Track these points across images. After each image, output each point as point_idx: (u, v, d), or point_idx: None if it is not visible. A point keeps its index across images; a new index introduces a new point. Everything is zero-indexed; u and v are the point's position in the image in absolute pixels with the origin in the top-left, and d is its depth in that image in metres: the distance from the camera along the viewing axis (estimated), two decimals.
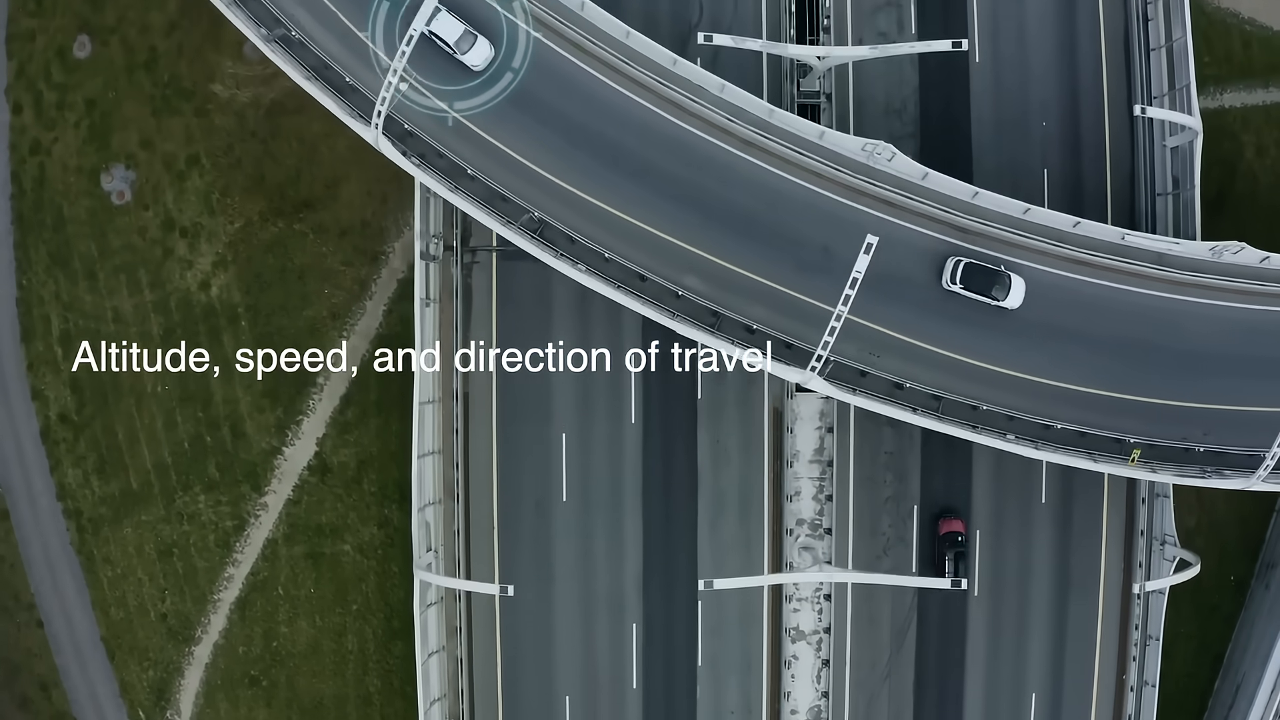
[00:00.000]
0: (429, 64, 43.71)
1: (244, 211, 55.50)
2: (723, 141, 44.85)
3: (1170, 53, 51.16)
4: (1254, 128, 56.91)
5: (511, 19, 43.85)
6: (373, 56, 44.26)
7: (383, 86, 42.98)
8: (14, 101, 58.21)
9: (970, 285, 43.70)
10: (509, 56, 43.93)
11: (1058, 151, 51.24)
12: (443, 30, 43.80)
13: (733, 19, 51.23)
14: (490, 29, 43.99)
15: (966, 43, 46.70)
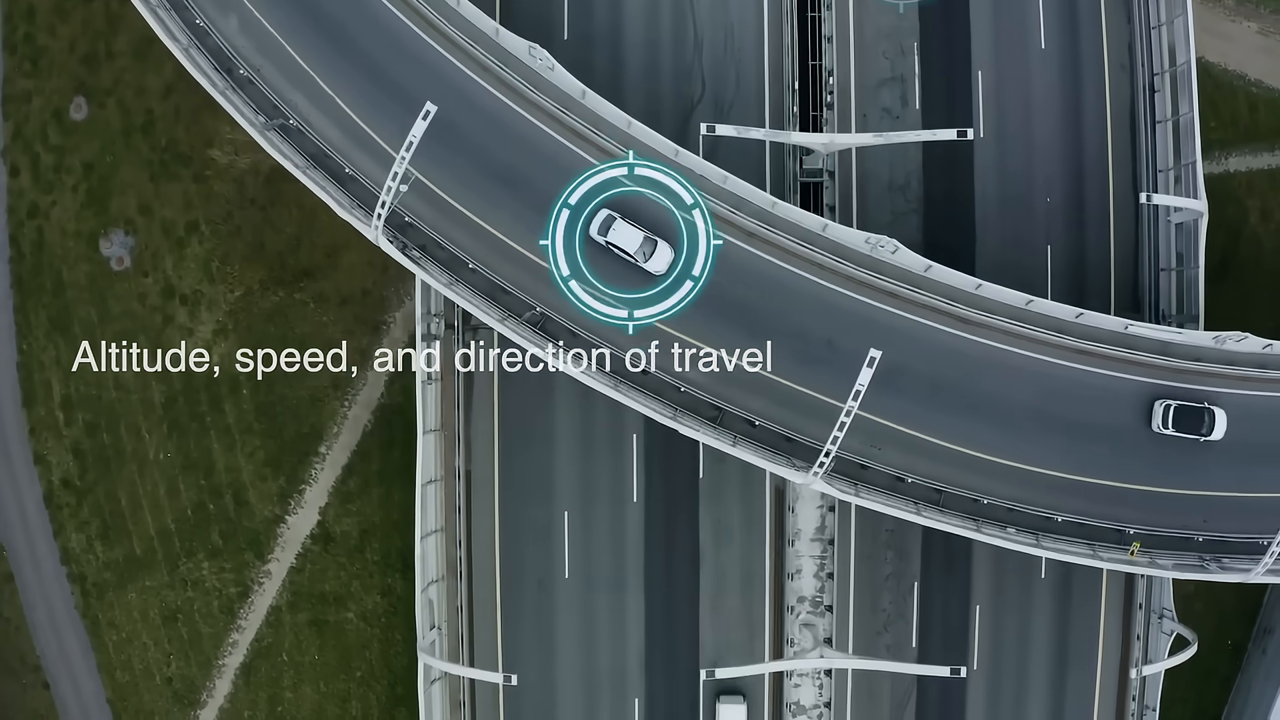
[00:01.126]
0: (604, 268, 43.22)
1: (244, 280, 55.48)
2: (725, 233, 45.10)
3: (1176, 126, 50.92)
4: (1259, 192, 56.71)
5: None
6: None
7: (383, 190, 42.20)
8: (11, 163, 57.98)
9: None
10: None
11: (1061, 227, 50.83)
12: (621, 240, 43.04)
13: (735, 95, 50.86)
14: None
15: (972, 131, 46.44)
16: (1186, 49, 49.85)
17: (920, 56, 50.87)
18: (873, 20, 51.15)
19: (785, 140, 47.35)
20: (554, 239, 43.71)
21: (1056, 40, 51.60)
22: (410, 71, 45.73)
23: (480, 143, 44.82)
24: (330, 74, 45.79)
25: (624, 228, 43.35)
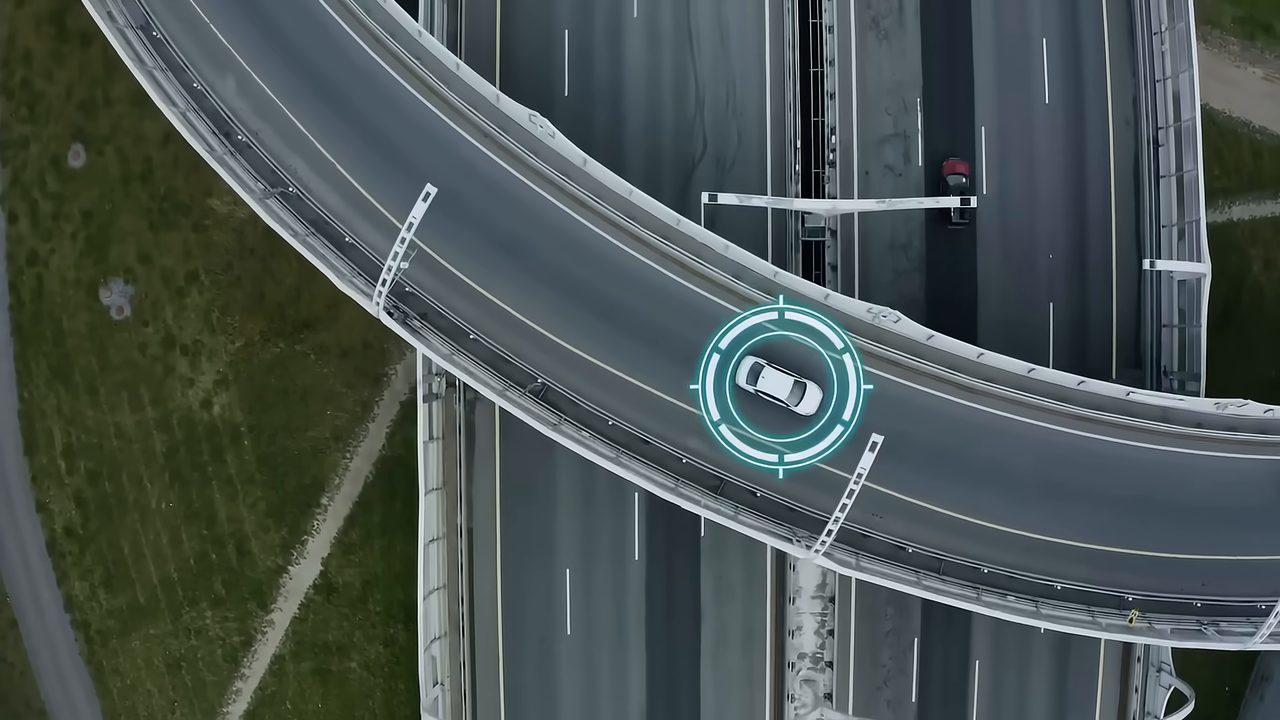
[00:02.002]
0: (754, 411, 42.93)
1: (244, 331, 55.29)
2: (725, 300, 44.77)
3: (1180, 182, 50.67)
4: (1262, 240, 56.42)
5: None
6: None
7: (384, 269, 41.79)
8: (9, 210, 57.67)
9: None
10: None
11: (1063, 283, 50.89)
12: (772, 388, 42.58)
13: (737, 152, 50.65)
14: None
15: (975, 199, 46.17)
16: (1192, 105, 49.57)
17: (923, 112, 50.81)
18: (875, 75, 51.05)
19: (787, 207, 47.20)
20: (704, 384, 43.35)
21: (1060, 95, 51.51)
22: (410, 137, 45.41)
23: (483, 211, 44.60)
24: (329, 138, 45.52)
25: (774, 375, 42.85)
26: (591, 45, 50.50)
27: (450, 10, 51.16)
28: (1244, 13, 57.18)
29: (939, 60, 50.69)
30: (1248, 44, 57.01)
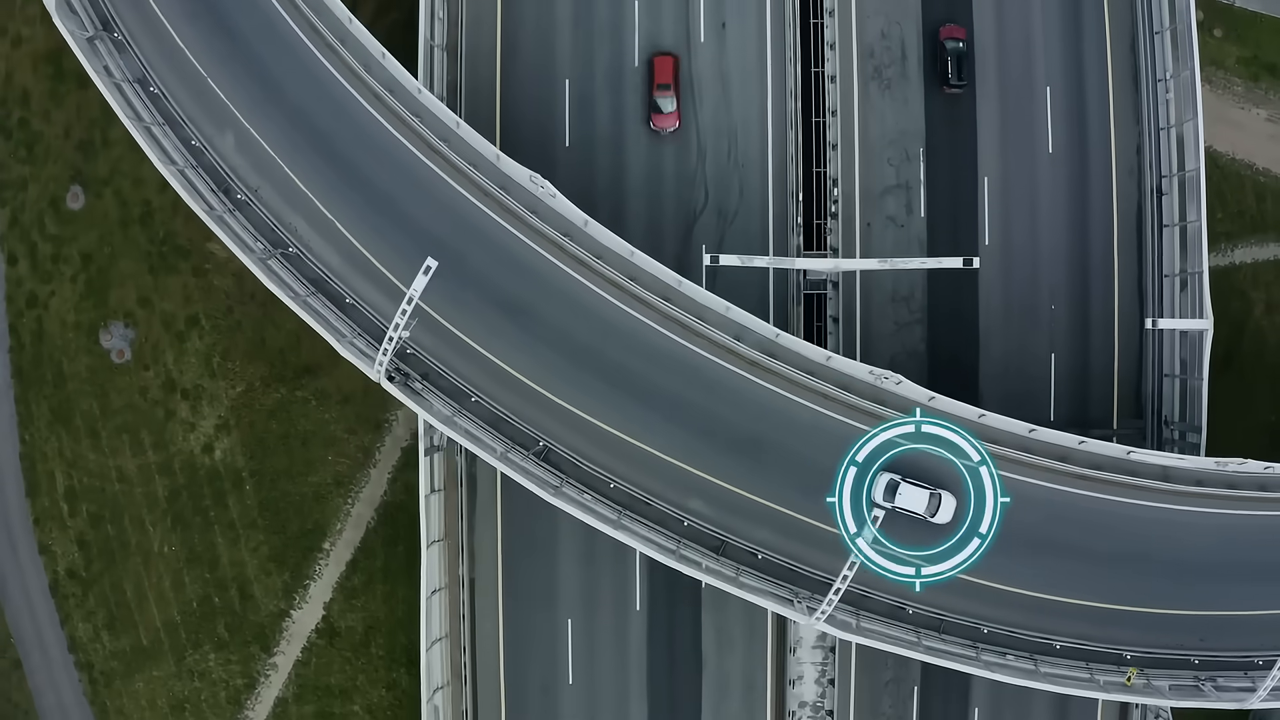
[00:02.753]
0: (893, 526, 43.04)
1: (245, 376, 55.19)
2: (728, 362, 44.66)
3: (1184, 233, 50.55)
4: (1264, 283, 56.17)
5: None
6: None
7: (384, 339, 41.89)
8: (9, 252, 57.42)
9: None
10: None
11: (1065, 334, 50.82)
12: (909, 504, 42.72)
13: (739, 203, 50.42)
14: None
15: (979, 260, 46.06)
16: (1196, 156, 49.30)
17: (926, 163, 50.58)
18: (878, 126, 50.74)
19: (789, 266, 47.10)
20: (841, 497, 43.41)
21: (1064, 144, 51.24)
22: (411, 195, 45.23)
23: (484, 271, 44.37)
24: (329, 196, 45.31)
25: (910, 491, 42.99)
26: (592, 94, 50.27)
27: (450, 60, 50.97)
28: (1249, 54, 56.84)
29: (942, 111, 50.40)
30: (1252, 85, 56.67)
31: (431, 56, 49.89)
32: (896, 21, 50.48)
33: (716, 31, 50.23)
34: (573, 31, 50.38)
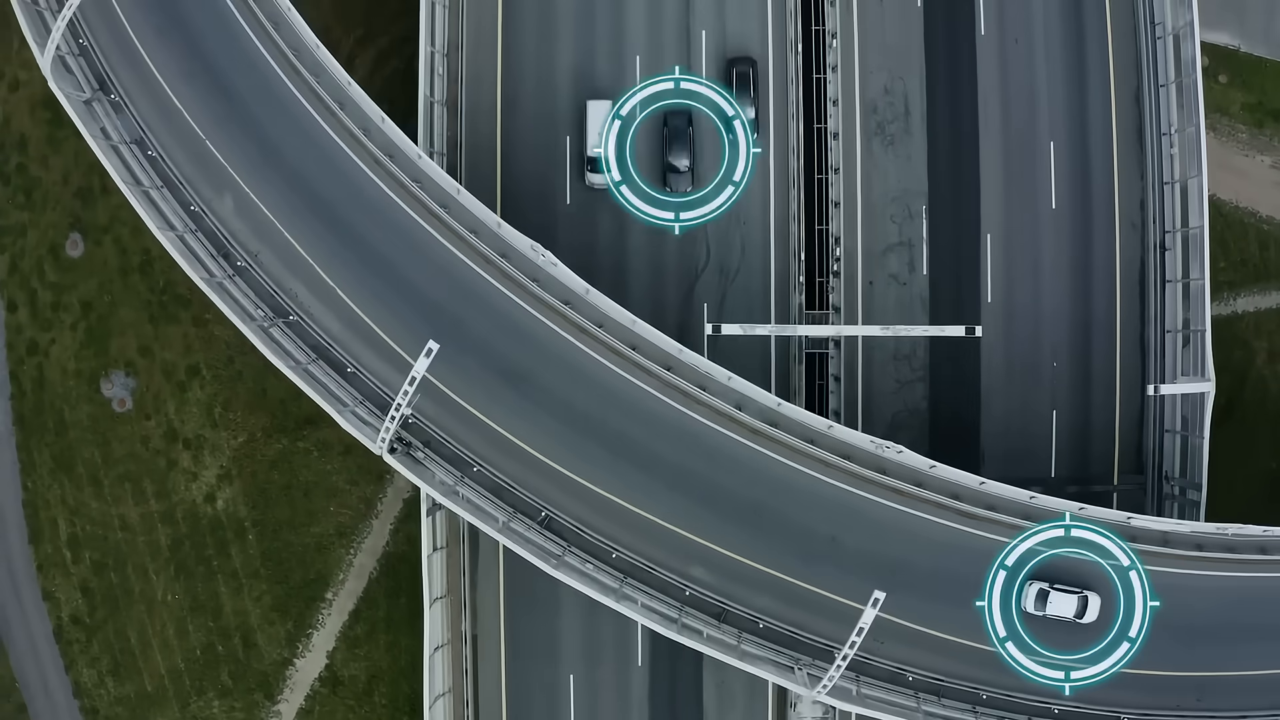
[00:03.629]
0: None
1: (247, 426, 55.26)
2: (730, 430, 44.63)
3: (1187, 290, 50.49)
4: (1266, 332, 56.01)
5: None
6: None
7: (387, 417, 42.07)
8: (8, 299, 57.40)
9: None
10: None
11: (1067, 392, 50.65)
12: (1059, 611, 43.03)
13: (740, 261, 50.22)
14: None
15: (981, 329, 45.97)
16: (1200, 213, 48.94)
17: (929, 220, 50.46)
18: (881, 182, 50.58)
19: (791, 333, 47.03)
20: (990, 600, 43.55)
21: (1067, 199, 50.98)
22: (412, 261, 45.00)
23: (486, 337, 44.13)
24: (329, 262, 45.08)
25: (1060, 598, 43.19)
26: None
27: (450, 115, 50.80)
28: (1254, 99, 56.46)
29: (945, 166, 50.18)
30: (1256, 132, 56.33)
31: (431, 113, 49.66)
32: (900, 76, 50.23)
33: None
34: (573, 89, 50.12)
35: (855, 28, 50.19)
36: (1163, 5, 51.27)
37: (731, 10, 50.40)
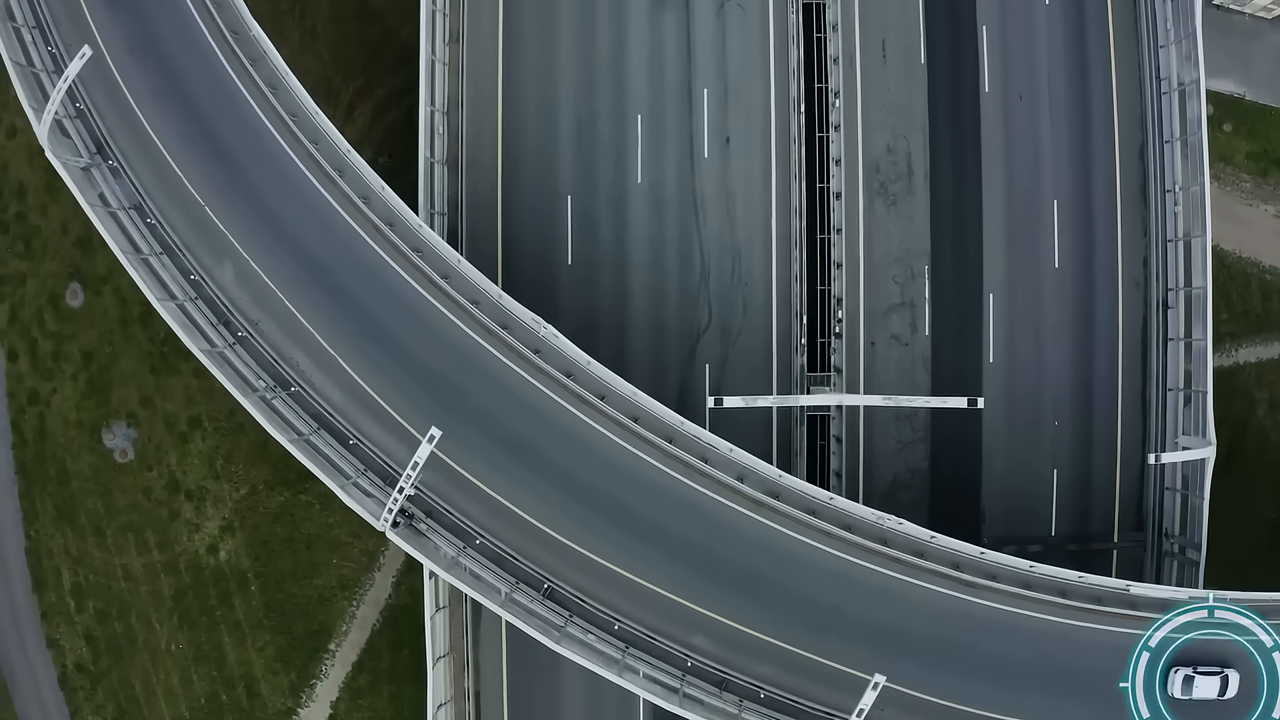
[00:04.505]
0: None
1: (249, 478, 55.32)
2: (731, 500, 44.59)
3: (1189, 349, 50.32)
4: (1268, 383, 55.97)
5: None
6: None
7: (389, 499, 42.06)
8: (9, 348, 57.34)
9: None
10: None
11: (1068, 450, 50.69)
12: (1203, 693, 43.00)
13: (742, 322, 49.96)
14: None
15: (983, 401, 45.89)
16: (1204, 273, 48.79)
17: (931, 280, 50.31)
18: (883, 242, 50.33)
19: (793, 404, 46.97)
20: (1134, 682, 43.43)
21: (1071, 258, 50.79)
22: (413, 330, 44.81)
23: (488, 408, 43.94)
24: (330, 331, 44.84)
25: (1204, 682, 43.15)
26: (595, 211, 49.80)
27: (450, 174, 50.41)
28: (1259, 148, 56.13)
29: (948, 226, 50.01)
30: (1260, 181, 56.02)
31: (432, 174, 49.36)
32: (903, 135, 49.93)
33: (720, 147, 49.72)
34: (575, 147, 49.88)
35: (858, 85, 49.96)
36: (1169, 60, 51.14)
37: (734, 68, 50.22)
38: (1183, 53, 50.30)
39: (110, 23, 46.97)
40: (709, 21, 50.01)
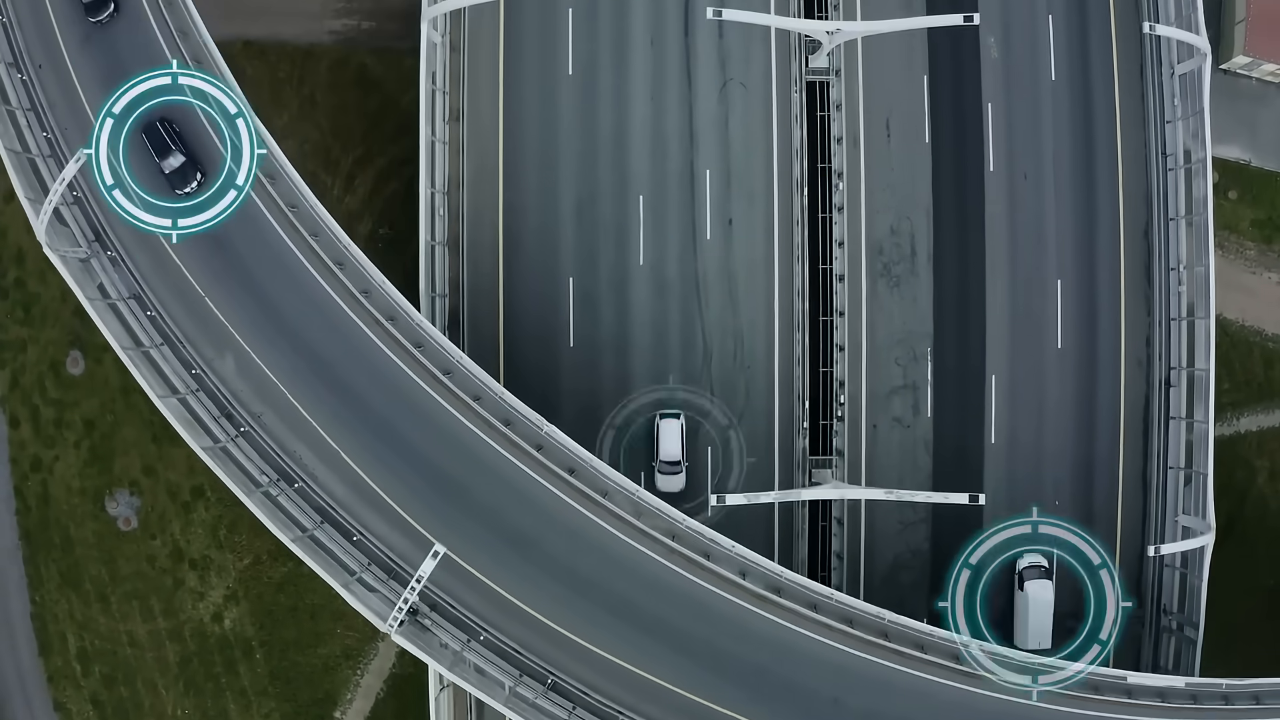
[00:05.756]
0: None
1: (252, 548, 55.30)
2: (733, 595, 44.73)
3: (1190, 429, 50.37)
4: (1268, 451, 55.90)
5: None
6: None
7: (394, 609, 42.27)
8: (10, 414, 57.12)
9: None
10: None
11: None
12: None
13: (745, 405, 49.58)
14: None
15: (984, 497, 45.96)
16: (1207, 355, 48.80)
17: (934, 363, 50.24)
18: (886, 325, 50.25)
19: (795, 498, 46.84)
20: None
21: (1074, 338, 50.69)
22: (415, 425, 44.82)
23: (492, 504, 44.06)
24: (331, 424, 44.92)
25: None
26: (596, 292, 49.62)
27: (452, 254, 50.25)
28: (1263, 215, 55.75)
29: (951, 307, 49.85)
30: (1265, 248, 55.68)
31: (433, 256, 49.17)
32: (907, 216, 49.64)
33: (723, 228, 49.48)
34: (576, 227, 49.63)
35: (862, 166, 49.67)
36: (1175, 138, 50.79)
37: (736, 148, 49.88)
38: (1190, 130, 50.08)
39: None
40: (711, 100, 49.76)
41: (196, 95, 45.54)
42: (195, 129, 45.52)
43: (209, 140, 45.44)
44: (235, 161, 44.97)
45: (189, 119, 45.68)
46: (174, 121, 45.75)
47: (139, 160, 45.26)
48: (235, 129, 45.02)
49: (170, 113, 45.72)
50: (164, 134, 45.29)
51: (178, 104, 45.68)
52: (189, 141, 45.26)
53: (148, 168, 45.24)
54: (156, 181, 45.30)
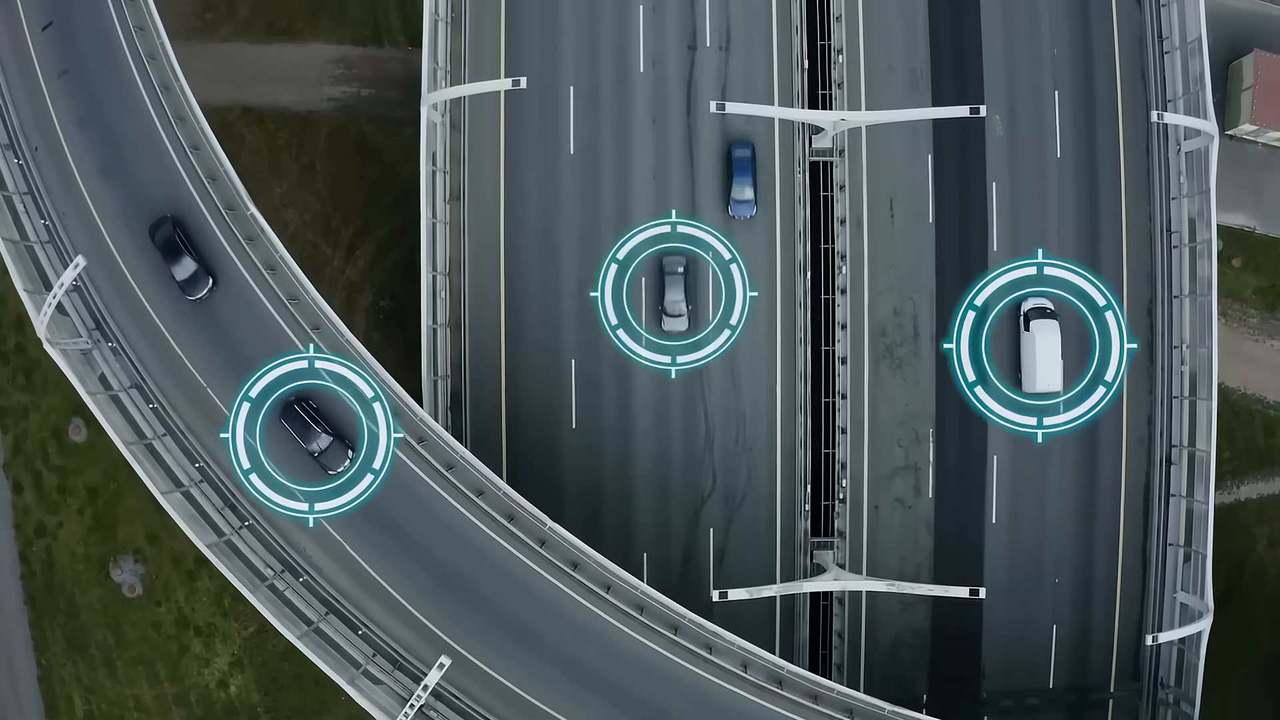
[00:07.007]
0: None
1: (256, 617, 54.81)
2: (737, 686, 44.80)
3: (1190, 511, 50.34)
4: (1268, 519, 56.06)
5: None
6: None
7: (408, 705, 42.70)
8: (14, 480, 57.27)
9: None
10: None
11: (1068, 605, 50.60)
12: None
13: (747, 488, 49.67)
14: None
15: (985, 591, 46.02)
16: (1208, 436, 48.64)
17: (935, 444, 50.22)
18: (888, 407, 50.13)
19: (796, 591, 46.98)
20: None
21: None
22: (417, 518, 44.82)
23: (493, 597, 44.27)
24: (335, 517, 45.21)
25: None
26: (599, 375, 49.42)
27: (453, 335, 50.13)
28: (1268, 283, 55.50)
29: (953, 389, 49.46)
30: (1268, 316, 55.52)
31: (435, 339, 49.09)
32: (910, 297, 49.34)
33: None
34: (578, 311, 49.54)
35: (865, 247, 49.37)
36: (1181, 215, 50.46)
37: (740, 233, 49.74)
38: (1195, 209, 49.64)
39: (104, 193, 46.50)
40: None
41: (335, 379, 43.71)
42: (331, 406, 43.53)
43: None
44: None
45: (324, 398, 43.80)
46: (311, 400, 44.23)
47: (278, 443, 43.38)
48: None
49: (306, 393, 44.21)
50: (304, 415, 43.68)
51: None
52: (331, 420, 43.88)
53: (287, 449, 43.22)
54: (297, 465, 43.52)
